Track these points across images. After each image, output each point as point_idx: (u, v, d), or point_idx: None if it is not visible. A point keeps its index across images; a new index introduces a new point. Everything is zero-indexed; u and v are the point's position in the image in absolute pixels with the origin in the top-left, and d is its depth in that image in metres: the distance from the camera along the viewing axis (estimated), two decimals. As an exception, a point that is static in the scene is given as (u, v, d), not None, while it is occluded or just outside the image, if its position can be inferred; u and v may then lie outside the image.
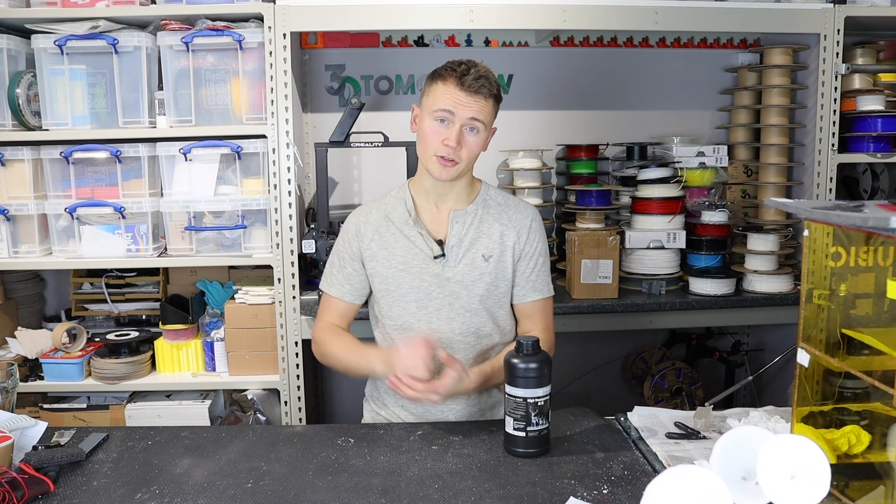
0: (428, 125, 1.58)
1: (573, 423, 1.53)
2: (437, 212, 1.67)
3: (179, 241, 2.34)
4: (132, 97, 2.29)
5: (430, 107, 1.58)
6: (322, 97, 2.77)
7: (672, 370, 2.71)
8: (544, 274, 1.71)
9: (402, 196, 1.69)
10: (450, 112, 1.55)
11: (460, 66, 1.57)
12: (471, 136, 1.57)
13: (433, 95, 1.58)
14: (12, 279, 2.60)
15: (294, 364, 2.35)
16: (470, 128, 1.57)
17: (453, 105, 1.55)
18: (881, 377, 1.05)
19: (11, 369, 1.52)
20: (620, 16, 2.31)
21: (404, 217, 1.66)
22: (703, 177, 2.62)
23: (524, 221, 1.68)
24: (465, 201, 1.67)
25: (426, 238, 1.64)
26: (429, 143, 1.58)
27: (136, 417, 2.38)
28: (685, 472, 0.99)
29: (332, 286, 1.71)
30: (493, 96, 1.59)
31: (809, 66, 2.53)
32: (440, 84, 1.57)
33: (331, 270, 1.72)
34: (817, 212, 1.10)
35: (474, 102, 1.55)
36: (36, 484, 1.24)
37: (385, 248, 1.65)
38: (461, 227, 1.64)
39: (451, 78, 1.56)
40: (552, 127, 2.82)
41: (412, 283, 1.63)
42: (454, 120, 1.55)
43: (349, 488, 1.26)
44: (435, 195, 1.67)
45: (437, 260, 1.63)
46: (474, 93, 1.55)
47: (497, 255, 1.65)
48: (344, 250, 1.70)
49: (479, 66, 1.58)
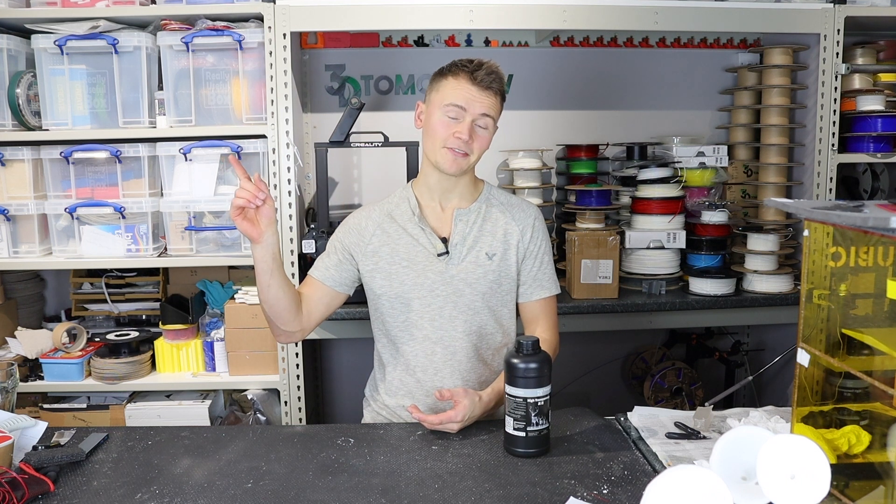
0: (438, 119, 1.57)
1: (573, 423, 1.53)
2: (440, 210, 1.67)
3: (179, 241, 2.34)
4: (132, 97, 2.29)
5: (439, 102, 1.57)
6: (322, 97, 2.77)
7: (672, 370, 2.71)
8: (550, 271, 1.71)
9: (406, 196, 1.69)
10: (461, 108, 1.55)
11: (471, 63, 1.57)
12: (481, 132, 1.58)
13: (443, 91, 1.58)
14: (12, 279, 2.60)
15: (294, 364, 2.35)
16: (480, 124, 1.57)
17: (465, 100, 1.55)
18: (881, 377, 1.05)
19: (11, 369, 1.52)
20: (620, 16, 2.31)
21: (408, 215, 1.66)
22: (703, 177, 2.62)
23: (527, 220, 1.68)
24: (469, 200, 1.67)
25: (430, 235, 1.64)
26: (438, 136, 1.57)
27: (136, 417, 2.38)
28: (685, 472, 0.99)
29: (317, 268, 1.69)
30: (502, 94, 1.60)
31: (809, 66, 2.53)
32: (451, 79, 1.57)
33: (320, 256, 1.71)
34: (817, 212, 1.10)
35: (486, 98, 1.56)
36: (36, 484, 1.24)
37: (388, 245, 1.65)
38: (465, 225, 1.65)
39: (462, 73, 1.56)
40: (552, 127, 2.82)
41: (416, 279, 1.63)
42: (465, 115, 1.55)
43: (349, 488, 1.26)
44: (439, 193, 1.66)
45: (441, 257, 1.63)
46: (486, 88, 1.55)
47: (501, 254, 1.65)
48: (338, 239, 1.69)
49: (490, 63, 1.58)
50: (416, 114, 1.67)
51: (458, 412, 1.45)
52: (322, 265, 1.69)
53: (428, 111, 1.62)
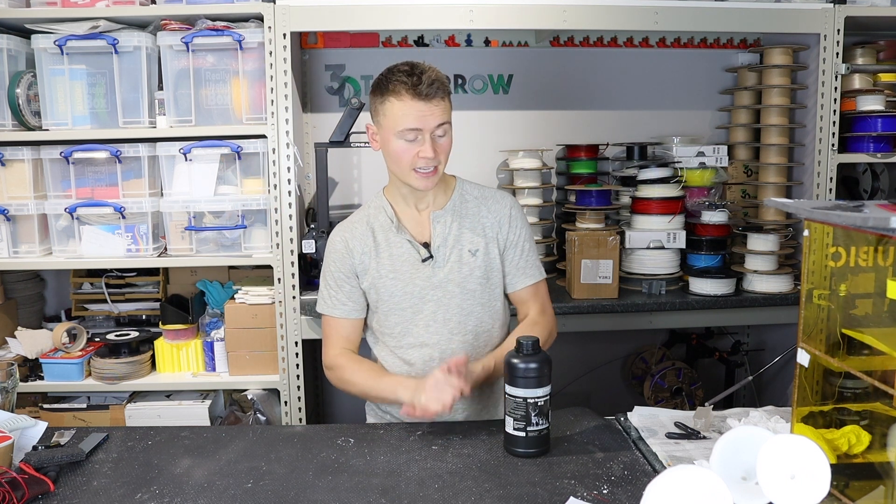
0: (396, 145, 1.52)
1: (573, 423, 1.53)
2: (418, 215, 1.66)
3: (179, 241, 2.34)
4: (132, 97, 2.29)
5: (392, 128, 1.51)
6: (322, 97, 2.77)
7: (672, 370, 2.71)
8: (533, 258, 1.70)
9: (381, 205, 1.67)
10: (418, 129, 1.50)
11: (410, 77, 1.49)
12: (442, 140, 1.55)
13: (391, 115, 1.51)
14: (12, 279, 2.60)
15: (294, 364, 2.35)
16: (439, 134, 1.54)
17: (418, 120, 1.49)
18: (881, 377, 1.05)
19: (11, 369, 1.52)
20: (620, 16, 2.31)
21: (387, 225, 1.65)
22: (703, 177, 2.62)
23: (503, 210, 1.67)
24: (443, 200, 1.66)
25: (413, 243, 1.63)
26: (403, 162, 1.54)
27: (136, 417, 2.38)
28: (685, 472, 0.99)
29: (335, 308, 1.66)
30: (448, 93, 1.55)
31: (809, 66, 2.53)
32: (395, 101, 1.50)
33: (328, 292, 1.67)
34: (817, 212, 1.10)
35: (436, 108, 1.50)
36: (36, 484, 1.24)
37: (374, 260, 1.63)
38: (443, 227, 1.64)
39: (404, 91, 1.48)
40: (552, 127, 2.82)
41: (404, 289, 1.62)
42: (423, 134, 1.50)
43: (349, 488, 1.26)
44: (413, 199, 1.65)
45: (426, 262, 1.62)
46: (432, 98, 1.49)
47: (483, 248, 1.64)
48: (338, 269, 1.66)
49: (426, 69, 1.51)
50: (368, 135, 1.62)
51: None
52: (337, 302, 1.66)
53: (382, 136, 1.56)
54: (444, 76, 1.55)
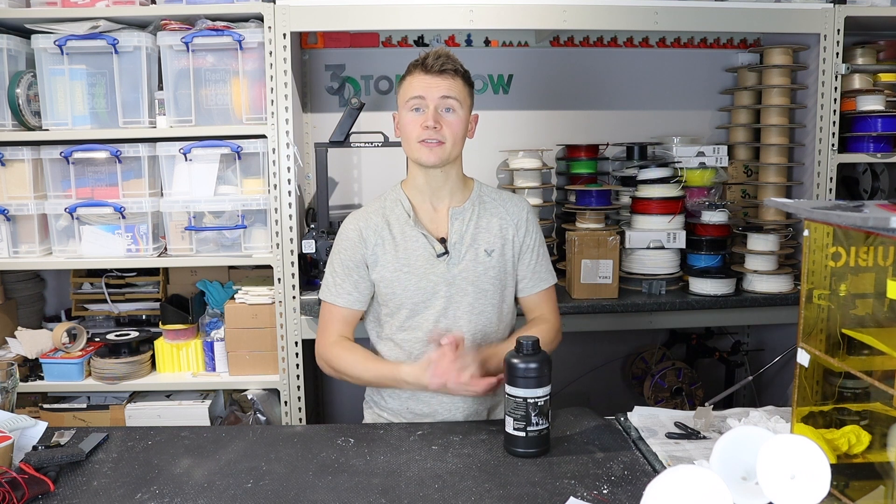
0: (404, 117, 1.61)
1: (573, 423, 1.53)
2: (434, 211, 1.67)
3: (179, 241, 2.34)
4: (132, 97, 2.29)
5: (403, 103, 1.61)
6: (322, 97, 2.77)
7: (672, 370, 2.71)
8: (546, 263, 1.73)
9: (398, 197, 1.68)
10: (421, 97, 1.57)
11: (424, 56, 1.60)
12: (449, 116, 1.58)
13: (402, 91, 1.62)
14: (12, 279, 2.60)
15: (294, 364, 2.35)
16: (445, 108, 1.58)
17: (422, 89, 1.57)
18: (881, 377, 1.05)
19: (11, 369, 1.52)
20: (620, 16, 2.31)
21: (404, 218, 1.65)
22: (703, 177, 2.62)
23: (520, 214, 1.69)
24: (461, 198, 1.67)
25: (428, 237, 1.63)
26: (409, 133, 1.59)
27: (136, 417, 2.38)
28: (685, 472, 0.99)
29: (339, 296, 1.66)
30: (461, 75, 1.60)
31: (809, 66, 2.53)
32: (407, 78, 1.62)
33: (334, 280, 1.67)
34: (817, 212, 1.10)
35: (442, 81, 1.57)
36: (36, 484, 1.24)
37: (389, 252, 1.64)
38: (461, 224, 1.64)
39: (415, 68, 1.60)
40: (552, 127, 2.82)
41: (418, 283, 1.62)
42: (427, 103, 1.57)
43: (349, 488, 1.26)
44: (430, 193, 1.66)
45: (441, 258, 1.62)
46: (439, 72, 1.57)
47: (499, 249, 1.65)
48: (348, 258, 1.66)
49: (439, 48, 1.61)
50: (394, 125, 1.68)
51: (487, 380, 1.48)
52: (342, 291, 1.66)
53: (398, 118, 1.65)
54: (457, 59, 1.61)
